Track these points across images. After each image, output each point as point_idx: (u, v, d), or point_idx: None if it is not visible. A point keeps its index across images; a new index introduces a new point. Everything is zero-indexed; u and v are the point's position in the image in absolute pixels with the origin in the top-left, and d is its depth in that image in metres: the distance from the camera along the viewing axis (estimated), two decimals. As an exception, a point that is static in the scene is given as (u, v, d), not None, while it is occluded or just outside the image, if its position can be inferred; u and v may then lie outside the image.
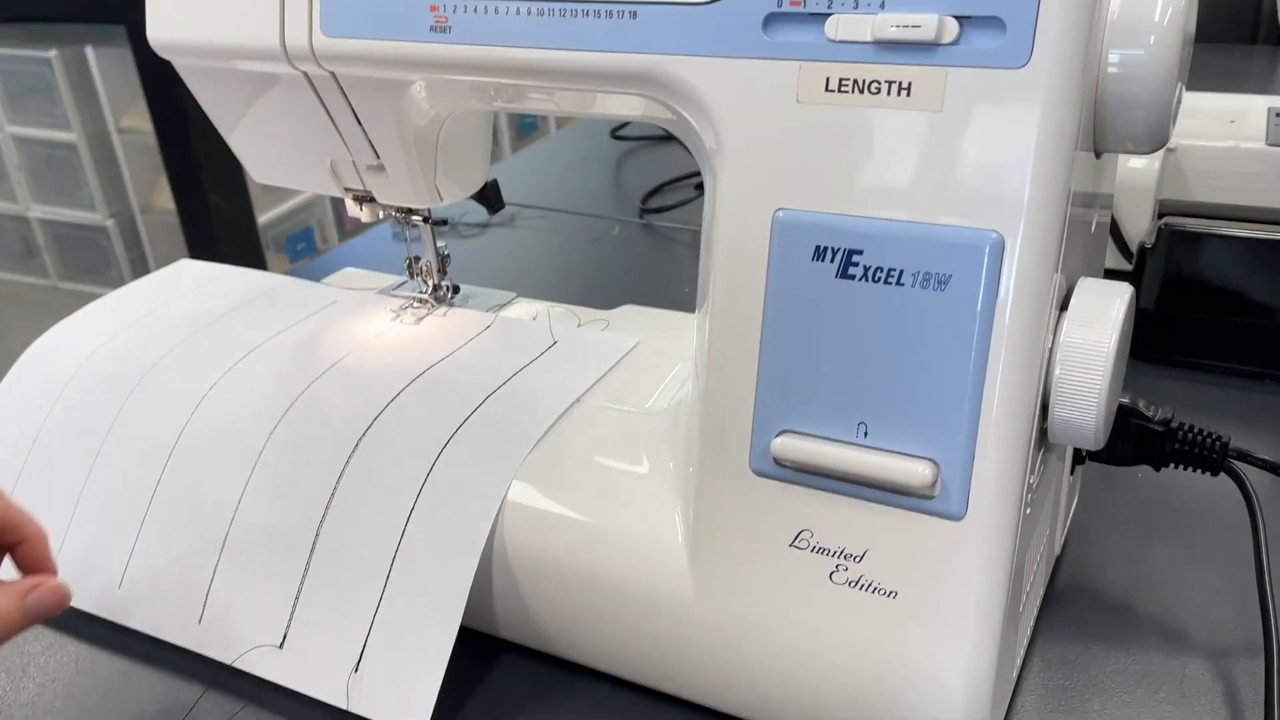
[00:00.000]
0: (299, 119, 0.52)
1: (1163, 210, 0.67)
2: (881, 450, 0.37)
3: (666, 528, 0.43)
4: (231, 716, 0.45)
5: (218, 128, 0.55)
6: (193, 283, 0.63)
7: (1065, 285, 0.37)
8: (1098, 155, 0.39)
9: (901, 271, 0.36)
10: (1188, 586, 0.50)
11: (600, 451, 0.46)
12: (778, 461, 0.39)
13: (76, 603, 0.50)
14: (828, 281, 0.37)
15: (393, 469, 0.46)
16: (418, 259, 0.59)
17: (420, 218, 0.57)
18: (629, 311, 0.60)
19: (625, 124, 1.23)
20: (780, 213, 0.37)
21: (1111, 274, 0.45)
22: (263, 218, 2.34)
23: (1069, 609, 0.49)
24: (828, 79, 0.36)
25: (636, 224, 0.97)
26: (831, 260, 0.37)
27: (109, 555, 0.50)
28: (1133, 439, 0.46)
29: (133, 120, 2.34)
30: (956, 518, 0.36)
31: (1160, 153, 0.76)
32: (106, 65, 2.27)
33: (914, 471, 0.36)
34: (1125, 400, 0.46)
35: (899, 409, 0.37)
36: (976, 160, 0.34)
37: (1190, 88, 0.86)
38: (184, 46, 0.50)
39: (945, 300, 0.35)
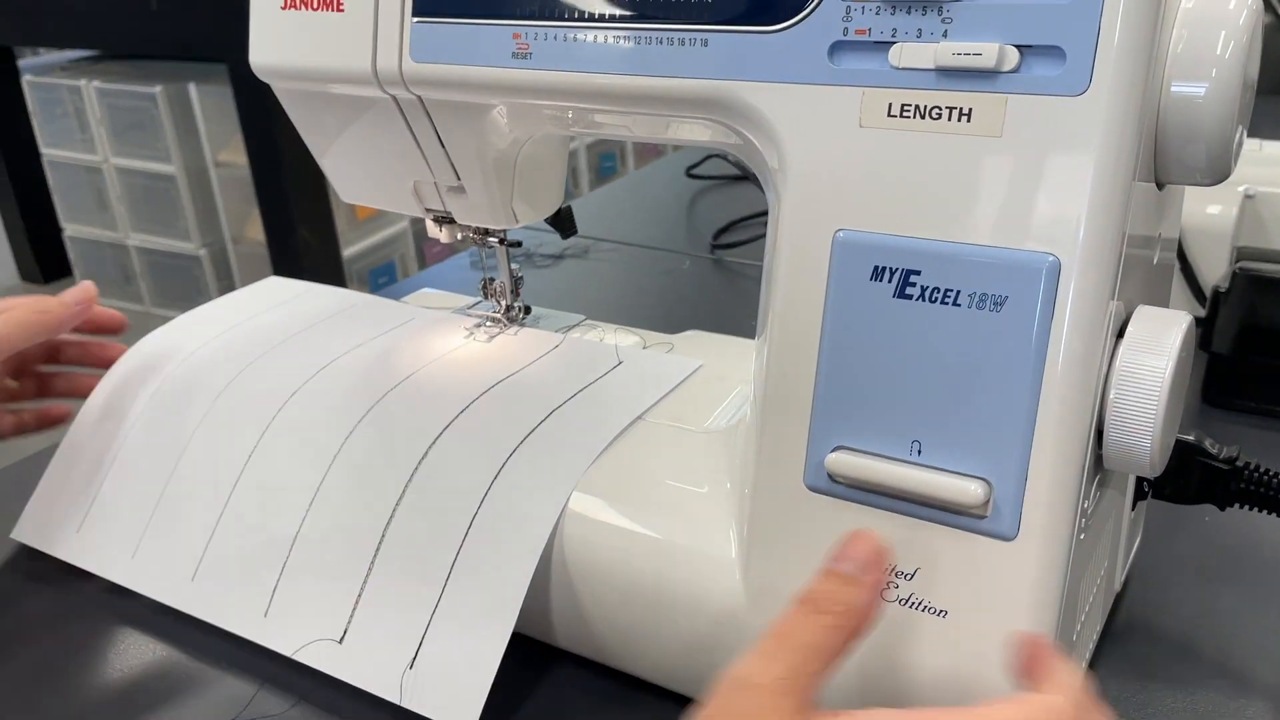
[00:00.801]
0: (386, 141, 0.54)
1: (1240, 256, 0.67)
2: (934, 469, 0.38)
3: (721, 541, 0.43)
4: (287, 710, 0.47)
5: (310, 150, 0.58)
6: (279, 298, 0.66)
7: (1123, 313, 0.38)
8: (1160, 187, 0.39)
9: (958, 292, 0.36)
10: (1250, 628, 0.49)
11: (659, 467, 0.48)
12: (832, 477, 0.40)
13: (152, 594, 0.52)
14: (885, 301, 0.38)
15: (459, 476, 0.48)
16: (492, 280, 0.61)
17: (496, 239, 0.59)
18: (693, 336, 0.61)
19: (700, 162, 1.25)
20: (840, 233, 0.38)
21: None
22: (347, 251, 2.41)
23: (1127, 646, 0.48)
24: (890, 105, 0.37)
25: (707, 259, 0.99)
26: (890, 280, 0.37)
27: (185, 550, 0.52)
28: (1197, 477, 0.46)
29: (229, 155, 2.42)
30: (1008, 538, 0.37)
31: (1238, 199, 0.76)
32: (207, 101, 2.36)
33: (966, 490, 0.37)
34: (1190, 438, 0.46)
35: (953, 428, 0.37)
36: (1034, 185, 0.35)
37: (1271, 137, 0.86)
38: (283, 70, 0.53)
39: (1001, 321, 0.36)
